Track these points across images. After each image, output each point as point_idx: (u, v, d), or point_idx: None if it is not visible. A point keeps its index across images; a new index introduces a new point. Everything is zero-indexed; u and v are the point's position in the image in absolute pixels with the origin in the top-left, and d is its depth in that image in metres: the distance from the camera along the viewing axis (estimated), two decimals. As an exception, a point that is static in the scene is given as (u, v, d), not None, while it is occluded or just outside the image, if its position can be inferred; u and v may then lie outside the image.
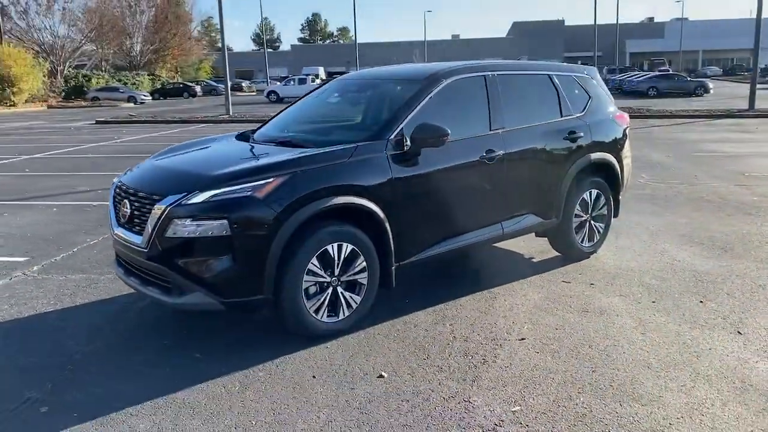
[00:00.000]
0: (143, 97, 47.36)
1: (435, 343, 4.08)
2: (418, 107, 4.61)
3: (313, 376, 3.65)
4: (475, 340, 4.10)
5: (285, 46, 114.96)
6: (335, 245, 4.07)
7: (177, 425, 3.16)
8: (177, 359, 3.91)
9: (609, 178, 5.93)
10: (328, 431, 3.08)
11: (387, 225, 4.29)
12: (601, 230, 5.92)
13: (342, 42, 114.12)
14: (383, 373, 3.66)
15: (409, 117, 4.52)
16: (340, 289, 4.16)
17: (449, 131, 4.41)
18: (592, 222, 5.82)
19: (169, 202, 3.82)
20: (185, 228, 3.75)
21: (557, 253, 5.88)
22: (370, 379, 3.60)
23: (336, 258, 4.08)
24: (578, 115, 5.68)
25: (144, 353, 4.01)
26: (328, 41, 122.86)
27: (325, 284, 4.08)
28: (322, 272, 4.04)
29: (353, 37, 64.47)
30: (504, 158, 4.98)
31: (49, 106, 43.42)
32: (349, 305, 4.22)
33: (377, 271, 4.32)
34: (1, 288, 5.33)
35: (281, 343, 4.06)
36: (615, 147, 5.93)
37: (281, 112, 5.76)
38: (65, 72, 49.80)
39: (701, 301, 4.72)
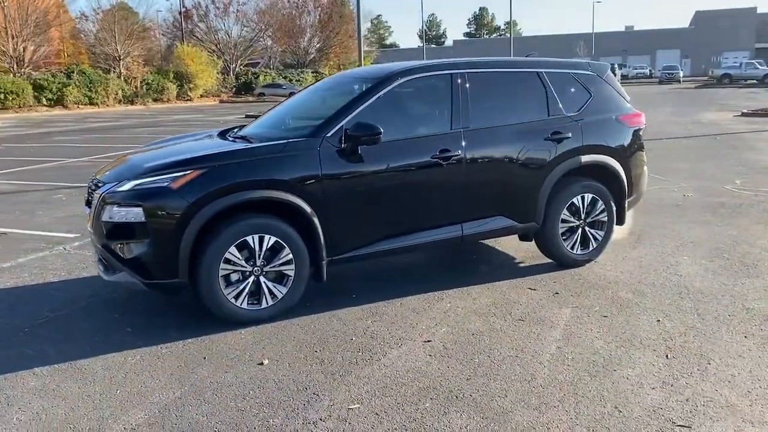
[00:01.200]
0: (303, 92, 50.17)
1: (339, 337, 4.16)
2: (363, 106, 4.68)
3: (204, 358, 3.91)
4: (380, 338, 4.12)
5: (451, 42, 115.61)
6: (256, 236, 4.28)
7: (60, 387, 3.58)
8: (114, 331, 4.36)
9: (609, 183, 5.53)
10: (171, 406, 3.32)
11: (316, 220, 4.42)
12: (599, 237, 5.54)
13: (508, 36, 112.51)
14: (265, 361, 3.83)
15: (351, 116, 4.61)
16: (262, 279, 4.37)
17: (381, 130, 4.44)
18: (586, 228, 5.48)
19: (104, 189, 4.29)
20: (114, 213, 4.19)
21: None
22: (250, 365, 3.79)
23: (257, 249, 4.30)
24: (570, 114, 5.37)
25: (92, 323, 4.52)
26: (494, 35, 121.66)
27: (247, 273, 4.32)
28: (242, 261, 4.28)
29: (521, 31, 63.28)
30: (464, 158, 4.88)
31: (221, 101, 47.60)
32: (273, 295, 4.42)
33: (306, 264, 4.47)
34: (36, 259, 6.18)
35: (209, 324, 4.34)
36: (618, 150, 5.53)
37: (271, 109, 6.06)
38: (237, 69, 54.21)
39: (658, 320, 4.32)
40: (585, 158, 5.36)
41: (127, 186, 4.21)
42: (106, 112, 36.51)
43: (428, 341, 4.07)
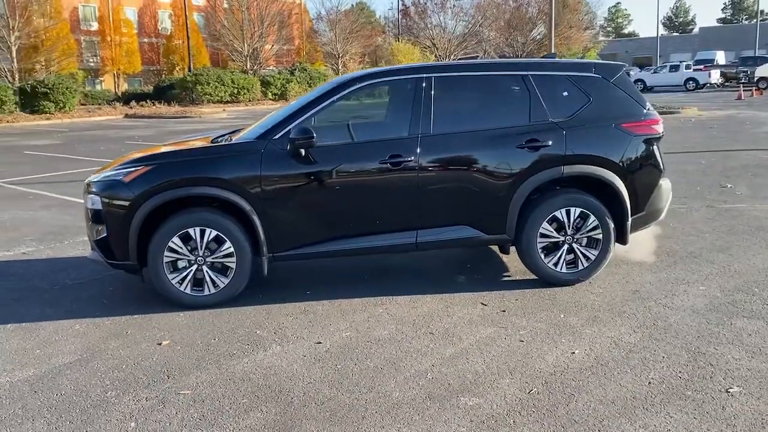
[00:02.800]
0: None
1: (247, 329, 4.42)
2: (312, 111, 4.85)
3: (126, 332, 4.44)
4: (279, 334, 4.31)
5: (697, 30, 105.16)
6: (197, 229, 4.71)
7: (5, 346, 4.35)
8: (92, 302, 5.07)
9: (605, 197, 5.00)
10: (59, 369, 3.89)
11: (255, 217, 4.72)
12: (591, 256, 5.04)
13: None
14: (164, 342, 4.24)
15: (300, 120, 4.81)
16: (205, 269, 4.78)
17: (314, 135, 4.59)
18: (575, 246, 5.02)
19: (88, 179, 5.03)
20: (88, 200, 4.90)
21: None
22: (151, 343, 4.23)
23: (199, 240, 4.72)
24: (557, 120, 4.96)
25: (89, 292, 5.30)
26: (752, 21, 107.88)
27: (190, 261, 4.76)
28: (184, 251, 4.73)
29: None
30: (419, 164, 4.80)
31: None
32: (215, 284, 4.80)
33: (248, 257, 4.79)
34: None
35: (163, 305, 4.87)
36: (616, 160, 4.97)
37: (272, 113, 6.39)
38: (450, 64, 55.06)
39: (573, 352, 3.91)
40: (568, 169, 4.92)
41: (98, 177, 4.90)
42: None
43: (319, 343, 4.17)
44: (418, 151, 4.81)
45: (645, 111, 5.14)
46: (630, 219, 5.07)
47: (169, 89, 39.10)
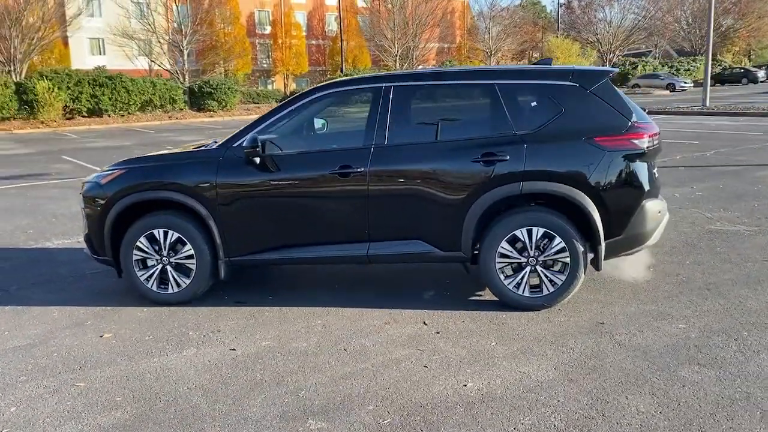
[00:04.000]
0: (683, 84, 45.75)
1: (188, 328, 4.62)
2: (270, 120, 4.94)
3: (88, 322, 4.83)
4: (205, 338, 4.45)
5: None
6: (161, 230, 5.00)
7: (-6, 322, 4.94)
8: (87, 294, 5.54)
9: (575, 218, 4.56)
10: (9, 352, 4.36)
11: (211, 222, 4.91)
12: (557, 282, 4.62)
13: None
14: (107, 334, 4.57)
15: (258, 129, 4.91)
16: (169, 268, 5.06)
17: (259, 145, 4.67)
18: (539, 269, 4.63)
19: (83, 179, 5.52)
20: (80, 198, 5.38)
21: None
22: (94, 335, 4.57)
23: (162, 241, 5.01)
24: (521, 133, 4.60)
25: (85, 284, 5.82)
26: None
27: (156, 261, 5.07)
28: (150, 250, 5.05)
29: None
30: (368, 175, 4.71)
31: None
32: (178, 284, 5.07)
33: (207, 260, 4.99)
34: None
35: (135, 299, 5.23)
36: (584, 178, 4.51)
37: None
38: (614, 60, 52.07)
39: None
40: (528, 185, 4.54)
41: (88, 178, 5.36)
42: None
43: (233, 350, 4.26)
44: (369, 162, 4.71)
45: (629, 123, 4.59)
46: (603, 243, 4.57)
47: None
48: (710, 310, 4.60)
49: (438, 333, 4.40)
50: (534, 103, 4.69)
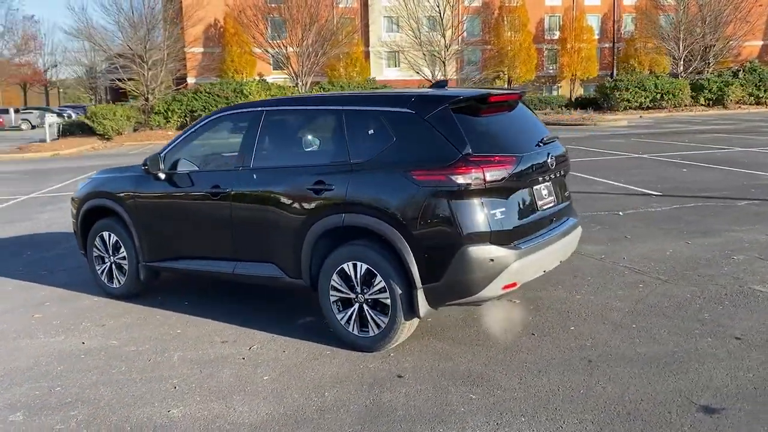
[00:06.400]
0: None
1: (84, 319, 5.32)
2: (179, 140, 5.39)
3: (46, 303, 5.85)
4: (81, 328, 5.09)
5: None
6: (106, 234, 5.81)
7: None
8: (82, 279, 6.63)
9: (392, 255, 4.13)
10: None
11: (132, 228, 5.55)
12: (381, 324, 4.23)
13: None
14: (36, 315, 5.50)
15: (170, 148, 5.39)
16: (113, 267, 5.84)
17: (148, 164, 5.16)
18: (365, 306, 4.30)
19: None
20: (73, 201, 6.47)
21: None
22: (30, 315, 5.54)
23: (108, 242, 5.81)
24: (355, 161, 4.31)
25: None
26: None
27: (105, 259, 5.89)
28: (101, 250, 5.89)
29: None
30: (231, 196, 4.88)
31: None
32: (119, 281, 5.82)
33: (134, 263, 5.65)
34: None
35: (99, 293, 6.10)
36: (395, 214, 4.08)
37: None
38: None
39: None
40: (349, 217, 4.24)
41: (79, 185, 6.41)
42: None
43: (83, 343, 4.83)
44: (234, 183, 4.87)
45: (459, 155, 3.96)
46: (420, 287, 4.04)
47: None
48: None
49: (243, 359, 4.40)
50: (371, 131, 4.33)
